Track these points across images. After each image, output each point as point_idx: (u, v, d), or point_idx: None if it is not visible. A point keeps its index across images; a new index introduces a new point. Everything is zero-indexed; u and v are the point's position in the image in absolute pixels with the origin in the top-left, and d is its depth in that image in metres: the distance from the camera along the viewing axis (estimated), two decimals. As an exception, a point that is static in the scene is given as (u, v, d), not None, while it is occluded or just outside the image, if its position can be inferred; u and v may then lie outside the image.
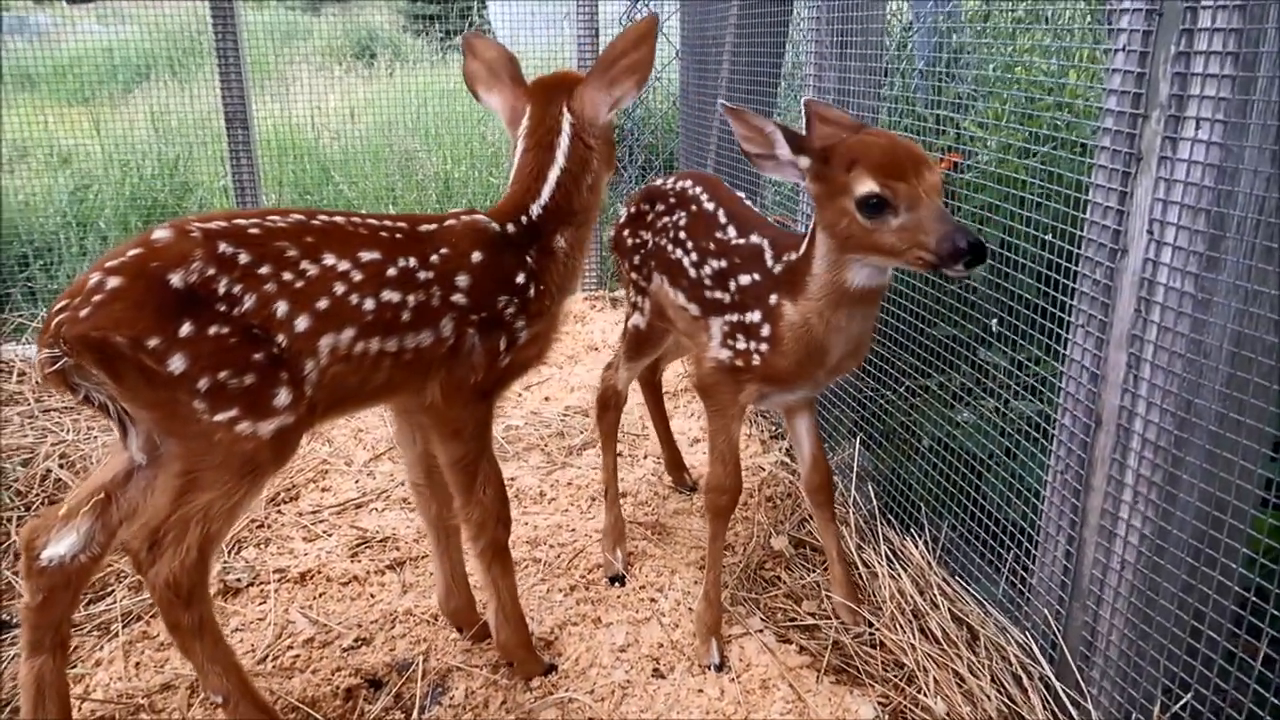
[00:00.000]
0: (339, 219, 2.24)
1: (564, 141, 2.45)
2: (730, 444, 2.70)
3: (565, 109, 2.45)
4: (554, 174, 2.45)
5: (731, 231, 2.71)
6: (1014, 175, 2.77)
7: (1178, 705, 2.11)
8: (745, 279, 2.58)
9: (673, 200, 2.92)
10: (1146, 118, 2.08)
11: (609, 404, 3.32)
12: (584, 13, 5.81)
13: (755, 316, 2.53)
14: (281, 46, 8.11)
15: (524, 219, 2.43)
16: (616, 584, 3.12)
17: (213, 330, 1.95)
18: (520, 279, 2.38)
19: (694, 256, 2.74)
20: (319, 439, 4.15)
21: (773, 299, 2.49)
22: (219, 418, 1.98)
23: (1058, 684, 2.41)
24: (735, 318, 2.59)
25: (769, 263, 2.55)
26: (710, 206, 2.80)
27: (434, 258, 2.27)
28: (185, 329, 1.92)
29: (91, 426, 4.02)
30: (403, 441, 2.66)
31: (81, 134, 6.93)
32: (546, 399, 4.72)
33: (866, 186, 2.14)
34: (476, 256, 2.31)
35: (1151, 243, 2.09)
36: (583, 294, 6.15)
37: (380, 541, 3.33)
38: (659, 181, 3.07)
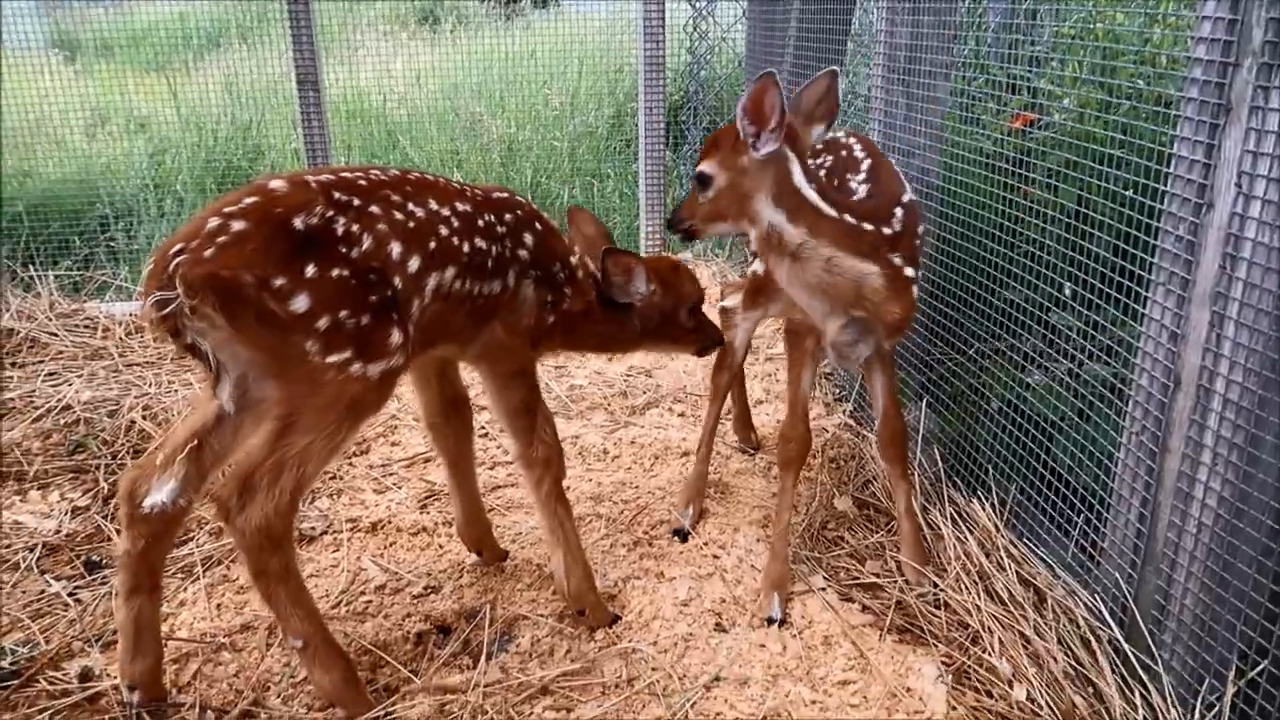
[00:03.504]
0: (429, 176, 2.40)
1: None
2: (799, 393, 2.82)
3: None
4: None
5: (861, 187, 2.75)
6: (1091, 130, 2.69)
7: (1254, 671, 2.07)
8: None
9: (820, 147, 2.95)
10: (1238, 66, 2.00)
11: (724, 364, 3.37)
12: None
13: None
14: (348, 12, 8.19)
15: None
16: (680, 539, 3.15)
17: (335, 272, 2.03)
18: (573, 259, 2.69)
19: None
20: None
21: None
22: (331, 359, 2.04)
23: (1127, 647, 2.38)
24: None
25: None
26: (860, 154, 2.88)
27: (508, 217, 2.50)
28: (310, 270, 2.00)
29: (172, 380, 4.16)
30: (419, 384, 2.75)
31: (158, 100, 7.11)
32: (610, 359, 4.74)
33: None
34: (539, 226, 2.59)
35: (1239, 196, 2.02)
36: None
37: (448, 494, 3.39)
38: None
